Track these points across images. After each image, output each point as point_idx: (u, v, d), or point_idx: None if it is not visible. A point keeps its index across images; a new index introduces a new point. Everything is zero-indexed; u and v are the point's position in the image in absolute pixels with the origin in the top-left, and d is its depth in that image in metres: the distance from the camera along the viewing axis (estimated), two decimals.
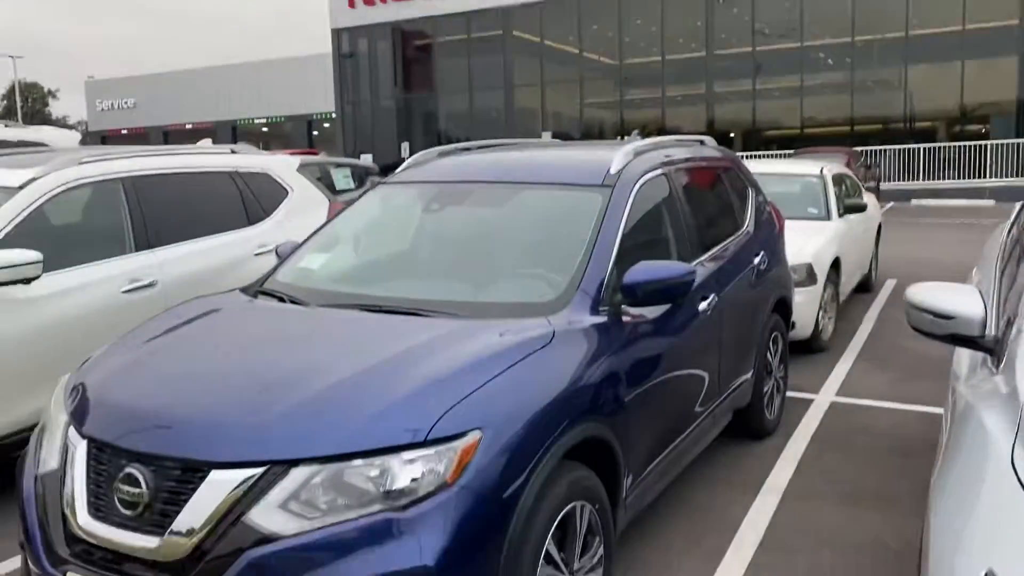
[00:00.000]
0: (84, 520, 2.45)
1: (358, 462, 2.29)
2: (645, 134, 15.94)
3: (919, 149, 24.04)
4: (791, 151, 21.59)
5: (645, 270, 3.18)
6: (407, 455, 2.31)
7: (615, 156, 3.74)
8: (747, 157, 19.85)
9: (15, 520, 3.96)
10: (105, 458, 2.50)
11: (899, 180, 24.04)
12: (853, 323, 7.98)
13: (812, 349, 6.88)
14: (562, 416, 2.67)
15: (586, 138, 28.84)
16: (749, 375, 4.60)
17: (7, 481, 4.43)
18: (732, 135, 28.33)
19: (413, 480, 2.29)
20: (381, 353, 2.68)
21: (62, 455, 2.64)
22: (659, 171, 3.98)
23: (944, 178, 23.67)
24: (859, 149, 21.75)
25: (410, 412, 2.40)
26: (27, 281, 4.11)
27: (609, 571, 3.00)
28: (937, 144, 24.18)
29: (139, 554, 2.34)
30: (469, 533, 2.28)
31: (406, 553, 2.20)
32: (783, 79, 27.08)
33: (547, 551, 2.58)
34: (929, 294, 2.43)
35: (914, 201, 21.57)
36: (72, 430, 2.65)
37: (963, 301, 2.35)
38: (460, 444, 2.35)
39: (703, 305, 3.84)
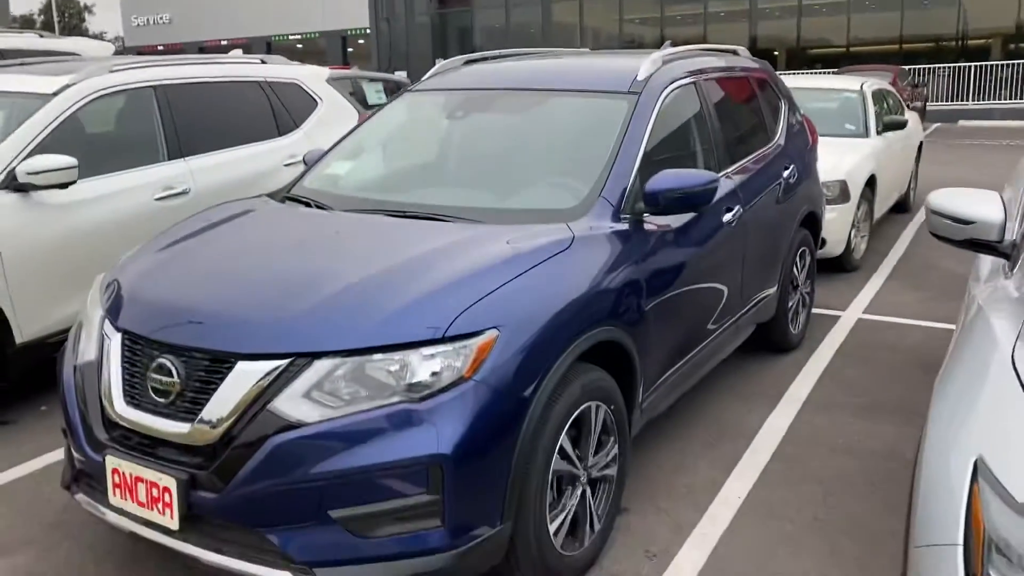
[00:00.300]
0: (120, 407, 2.58)
1: (379, 356, 2.37)
2: None
3: (970, 68, 23.16)
4: (835, 70, 20.95)
5: (668, 178, 3.18)
6: (426, 350, 2.38)
7: (643, 64, 3.69)
8: (790, 75, 19.31)
9: (59, 414, 4.18)
10: (139, 350, 2.61)
11: (948, 100, 23.29)
12: (888, 242, 7.90)
13: (843, 267, 6.84)
14: (578, 318, 2.72)
15: None
16: (774, 289, 4.60)
17: (51, 379, 4.65)
18: (776, 53, 27.51)
19: (432, 374, 2.37)
20: (403, 255, 2.74)
21: (99, 347, 2.76)
22: (688, 80, 3.93)
23: (996, 99, 22.85)
24: (907, 68, 21.03)
25: (430, 310, 2.46)
26: (63, 186, 4.21)
27: (623, 469, 3.09)
28: (989, 63, 23.25)
29: (171, 439, 2.47)
30: (484, 425, 2.37)
31: (423, 441, 2.29)
32: None
33: (562, 446, 2.67)
34: (949, 199, 2.41)
35: (961, 122, 20.93)
36: (108, 324, 2.77)
37: (983, 206, 2.33)
38: (477, 341, 2.42)
39: (727, 216, 3.83)
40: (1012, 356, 1.70)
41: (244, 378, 2.38)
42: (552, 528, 2.68)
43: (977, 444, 1.58)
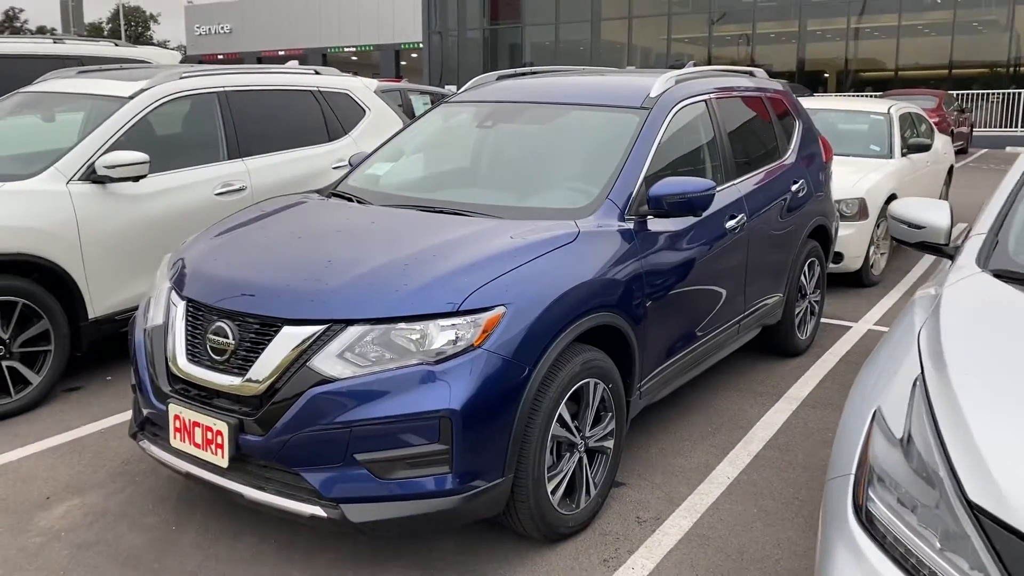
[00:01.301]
0: (183, 363, 3.03)
1: (403, 325, 2.78)
2: None
3: (1021, 94, 22.99)
4: (880, 94, 20.99)
5: (669, 184, 3.54)
6: (442, 322, 2.79)
7: (656, 82, 4.07)
8: (827, 96, 19.46)
9: (122, 383, 4.68)
10: (200, 315, 3.06)
11: (998, 126, 23.13)
12: (911, 260, 8.11)
13: (862, 282, 7.09)
14: (579, 302, 3.10)
15: None
16: (780, 295, 4.92)
17: (122, 351, 5.15)
18: (826, 75, 27.57)
19: (447, 342, 2.77)
20: (428, 241, 3.15)
21: (166, 313, 3.22)
22: (699, 98, 4.30)
23: None
24: (953, 93, 21.00)
25: (447, 288, 2.86)
26: (136, 179, 4.72)
27: (619, 444, 3.45)
28: None
29: (225, 390, 2.90)
30: (490, 387, 2.75)
31: (437, 397, 2.69)
32: (880, 18, 26.08)
33: (561, 415, 3.05)
34: (905, 207, 2.74)
35: (1009, 148, 20.81)
36: (174, 294, 3.23)
37: (932, 213, 2.67)
38: (486, 316, 2.81)
39: (731, 223, 4.18)
40: (918, 335, 2.05)
41: (288, 340, 2.81)
42: (550, 487, 3.05)
43: (879, 399, 1.93)
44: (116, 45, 7.91)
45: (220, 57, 46.48)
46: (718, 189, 4.04)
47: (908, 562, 1.62)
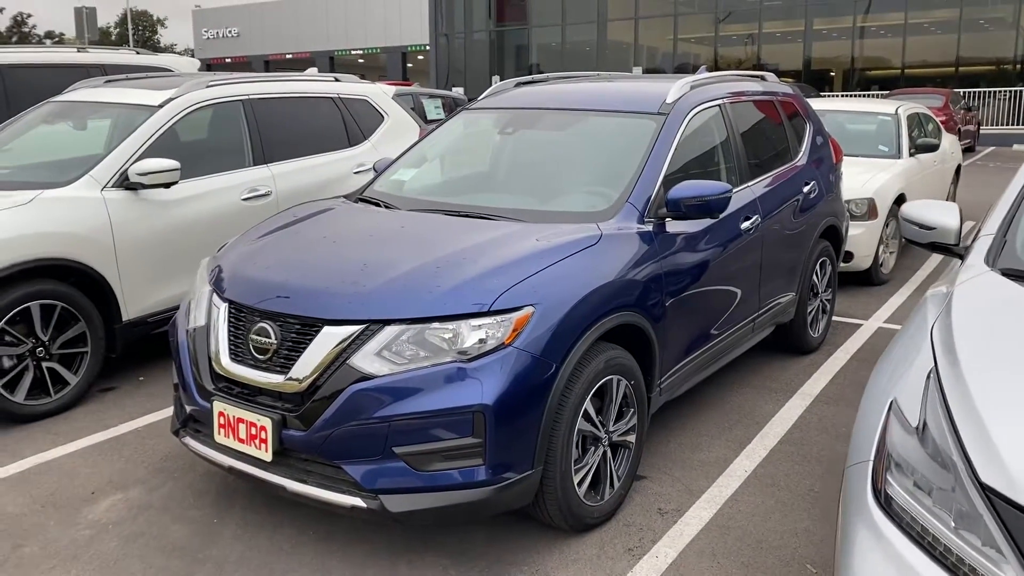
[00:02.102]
0: (226, 362, 3.18)
1: (436, 325, 2.92)
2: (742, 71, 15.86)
3: None
4: (887, 92, 21.07)
5: (687, 187, 3.68)
6: (474, 322, 2.93)
7: (672, 88, 4.21)
8: (836, 96, 19.56)
9: (162, 380, 4.84)
10: (243, 316, 3.20)
11: (1005, 124, 23.19)
12: (919, 259, 8.22)
13: (872, 281, 7.21)
14: (603, 302, 3.23)
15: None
16: (793, 294, 5.05)
17: (154, 352, 5.31)
18: (832, 74, 27.64)
19: (479, 341, 2.90)
20: (457, 245, 3.29)
21: (207, 315, 3.36)
22: (714, 102, 4.43)
23: None
24: (960, 91, 21.06)
25: (478, 289, 3.00)
26: (167, 186, 4.88)
27: (641, 439, 3.59)
28: None
29: (268, 387, 3.05)
30: (520, 383, 2.89)
31: (469, 393, 2.83)
32: (886, 16, 26.15)
33: (586, 411, 3.19)
34: (916, 209, 2.87)
35: (1016, 146, 20.87)
36: (215, 296, 3.37)
37: (943, 215, 2.80)
38: (516, 315, 2.95)
39: (745, 224, 4.31)
40: (931, 330, 2.18)
41: (328, 339, 2.95)
42: (576, 479, 3.19)
43: (895, 391, 2.06)
44: (138, 53, 8.09)
45: (228, 61, 46.74)
46: (733, 191, 4.17)
47: (925, 540, 1.75)
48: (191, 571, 3.10)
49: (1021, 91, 23.19)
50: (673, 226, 3.77)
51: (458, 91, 25.66)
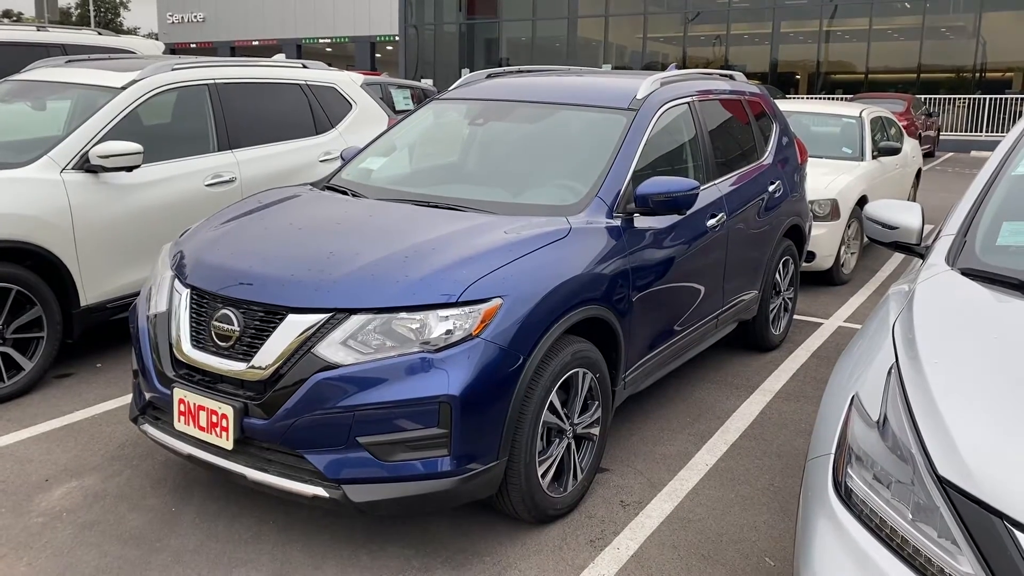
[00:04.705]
0: (187, 349, 3.13)
1: (403, 315, 2.90)
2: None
3: (986, 100, 23.55)
4: (850, 96, 21.40)
5: (655, 183, 3.69)
6: (442, 312, 2.91)
7: (642, 84, 4.22)
8: (801, 99, 19.83)
9: (120, 367, 4.76)
10: (205, 303, 3.15)
11: (964, 131, 23.67)
12: (880, 260, 8.37)
13: (833, 281, 7.32)
14: (570, 296, 3.24)
15: None
16: (756, 291, 5.10)
17: (112, 338, 5.22)
18: (797, 77, 27.98)
19: (446, 332, 2.89)
20: (426, 235, 3.27)
21: (168, 301, 3.31)
22: (683, 100, 4.45)
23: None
24: (921, 97, 21.46)
25: (446, 280, 2.99)
26: (129, 169, 4.78)
27: (605, 432, 3.60)
28: (1006, 96, 23.62)
29: (230, 375, 3.00)
30: (486, 374, 2.89)
31: (436, 383, 2.82)
32: (851, 21, 26.55)
33: (551, 403, 3.19)
34: (880, 209, 2.91)
35: (974, 152, 21.32)
36: (177, 282, 3.32)
37: (905, 215, 2.84)
38: (484, 307, 2.94)
39: (711, 222, 4.34)
40: (893, 327, 2.22)
41: (293, 327, 2.92)
42: (540, 471, 3.19)
43: (856, 386, 2.09)
44: (99, 34, 7.91)
45: (193, 46, 45.95)
46: (700, 189, 4.20)
47: (883, 532, 1.78)
48: (148, 560, 3.05)
49: (980, 99, 23.69)
50: (641, 222, 3.78)
51: (427, 82, 25.54)
